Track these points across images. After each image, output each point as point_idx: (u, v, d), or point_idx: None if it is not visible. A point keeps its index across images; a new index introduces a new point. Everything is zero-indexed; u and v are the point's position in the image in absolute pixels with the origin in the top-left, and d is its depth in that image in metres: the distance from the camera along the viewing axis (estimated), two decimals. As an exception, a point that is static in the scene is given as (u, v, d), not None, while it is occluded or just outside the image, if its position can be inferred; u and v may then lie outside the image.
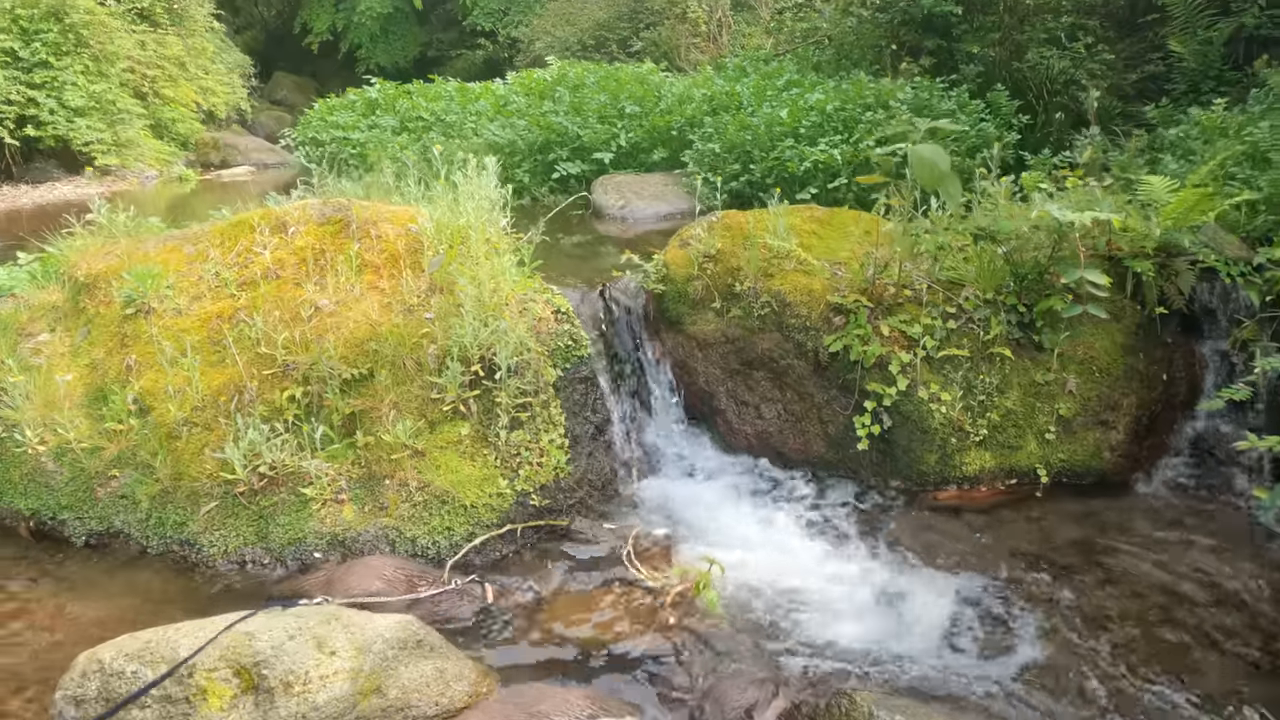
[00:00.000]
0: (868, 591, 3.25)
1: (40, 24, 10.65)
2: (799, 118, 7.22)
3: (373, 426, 3.68)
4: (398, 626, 2.53)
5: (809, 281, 4.20)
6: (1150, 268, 4.00)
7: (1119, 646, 2.93)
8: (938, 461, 3.93)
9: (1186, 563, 3.39)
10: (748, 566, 3.41)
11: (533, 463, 3.76)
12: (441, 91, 10.25)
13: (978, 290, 4.07)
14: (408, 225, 4.27)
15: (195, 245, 4.35)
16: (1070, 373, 4.04)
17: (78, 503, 3.66)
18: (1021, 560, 3.46)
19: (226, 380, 3.76)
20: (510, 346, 3.72)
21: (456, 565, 3.41)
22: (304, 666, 2.27)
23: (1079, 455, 4.00)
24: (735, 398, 4.34)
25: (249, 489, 3.53)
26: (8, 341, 4.05)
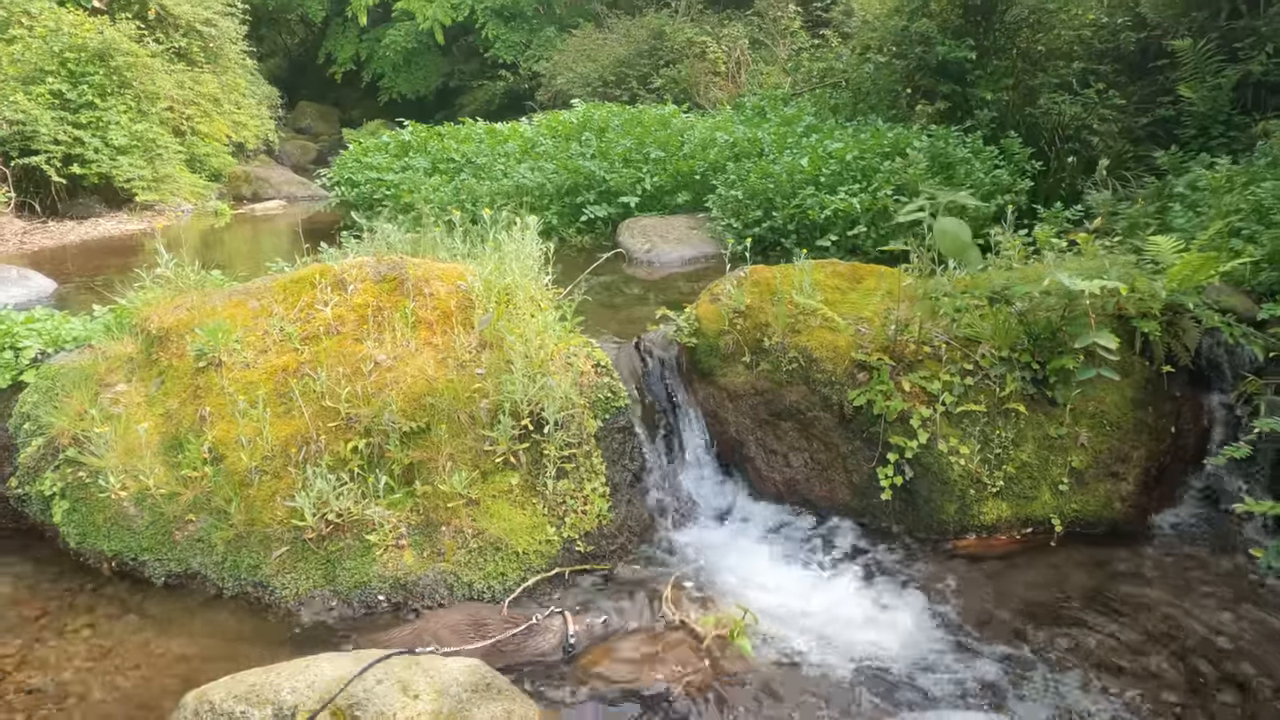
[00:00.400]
0: (891, 634, 3.49)
1: (87, 67, 11.10)
2: (819, 166, 7.52)
3: (430, 476, 3.96)
4: (469, 670, 2.80)
5: (834, 338, 4.47)
6: (1157, 327, 4.25)
7: (1125, 691, 3.16)
8: (957, 511, 4.18)
9: (1191, 611, 3.62)
10: (779, 612, 3.66)
11: (578, 510, 4.03)
12: (471, 133, 10.62)
13: (993, 348, 4.33)
14: (457, 283, 4.57)
15: (259, 300, 4.66)
16: (1082, 426, 4.29)
17: (157, 545, 3.95)
18: (1034, 606, 3.69)
19: (294, 431, 4.05)
20: (557, 402, 4.00)
21: (512, 604, 3.67)
22: (392, 709, 2.54)
23: (1091, 505, 4.24)
24: (764, 446, 4.60)
25: (317, 535, 3.81)
26: (89, 392, 4.36)
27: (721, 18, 16.19)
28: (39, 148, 10.33)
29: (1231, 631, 3.48)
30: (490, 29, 21.20)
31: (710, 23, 16.05)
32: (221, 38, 14.78)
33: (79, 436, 4.15)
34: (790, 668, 3.32)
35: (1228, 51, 8.62)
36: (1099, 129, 9.08)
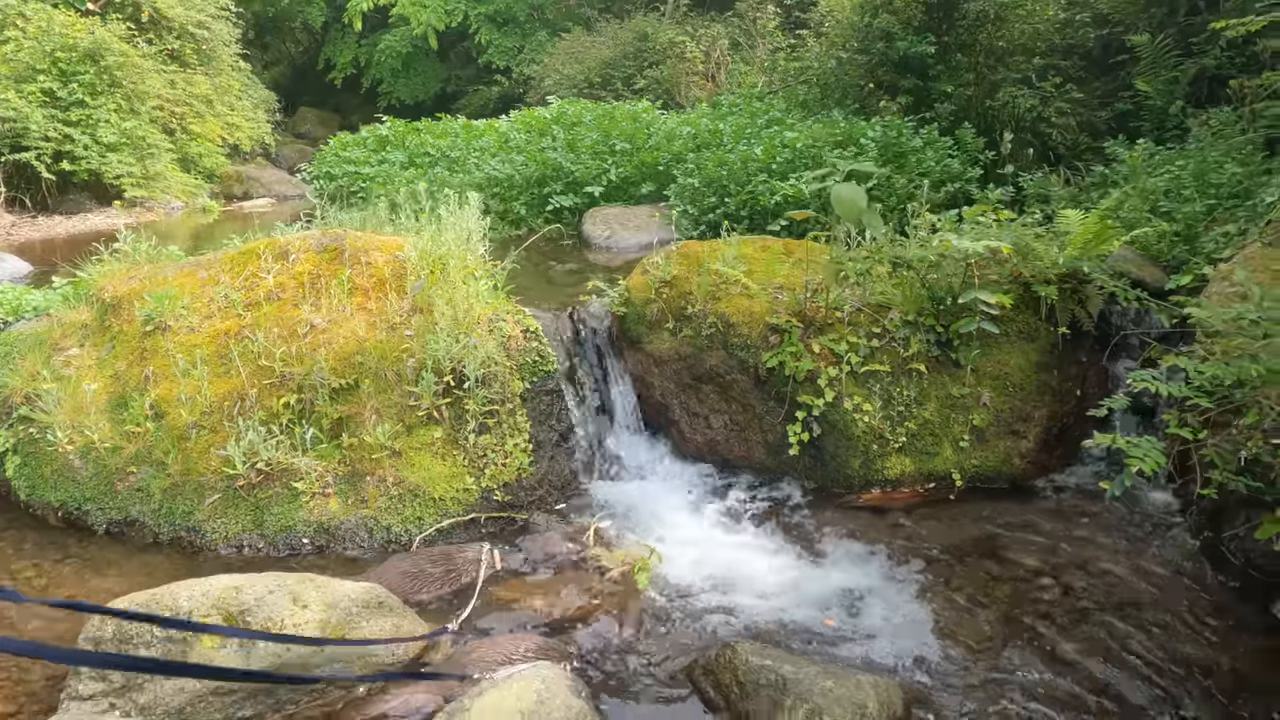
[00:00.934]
0: (784, 575, 3.69)
1: (78, 66, 11.42)
2: (772, 154, 7.75)
3: (357, 429, 4.18)
4: (363, 590, 3.01)
5: (751, 304, 4.68)
6: (1054, 292, 4.44)
7: (994, 620, 3.35)
8: (861, 466, 4.38)
9: (1072, 555, 3.80)
10: (685, 555, 3.87)
11: (497, 463, 4.25)
12: (448, 129, 10.90)
13: (901, 313, 4.53)
14: (395, 253, 4.81)
15: (208, 270, 4.90)
16: (985, 387, 4.49)
17: (99, 495, 4.18)
18: (927, 551, 3.88)
19: (231, 389, 4.29)
20: (478, 359, 4.22)
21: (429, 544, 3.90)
22: (280, 615, 2.76)
23: (991, 461, 4.43)
24: (688, 409, 4.81)
25: (248, 483, 4.04)
26: (42, 355, 4.61)
27: (705, 19, 16.47)
28: (29, 144, 10.63)
29: (1103, 570, 3.67)
30: (484, 34, 21.55)
31: (694, 25, 16.33)
32: (214, 40, 15.12)
33: (31, 395, 4.40)
34: (682, 600, 3.52)
35: (1184, 47, 8.81)
36: (1057, 122, 9.28)
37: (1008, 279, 4.51)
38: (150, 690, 2.67)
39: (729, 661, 2.75)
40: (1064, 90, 9.27)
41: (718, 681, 2.77)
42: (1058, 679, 3.02)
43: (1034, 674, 3.05)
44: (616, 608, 3.45)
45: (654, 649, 3.14)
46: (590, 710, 2.58)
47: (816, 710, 2.47)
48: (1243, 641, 3.21)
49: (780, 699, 2.54)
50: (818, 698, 2.49)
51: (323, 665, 2.80)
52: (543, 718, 2.41)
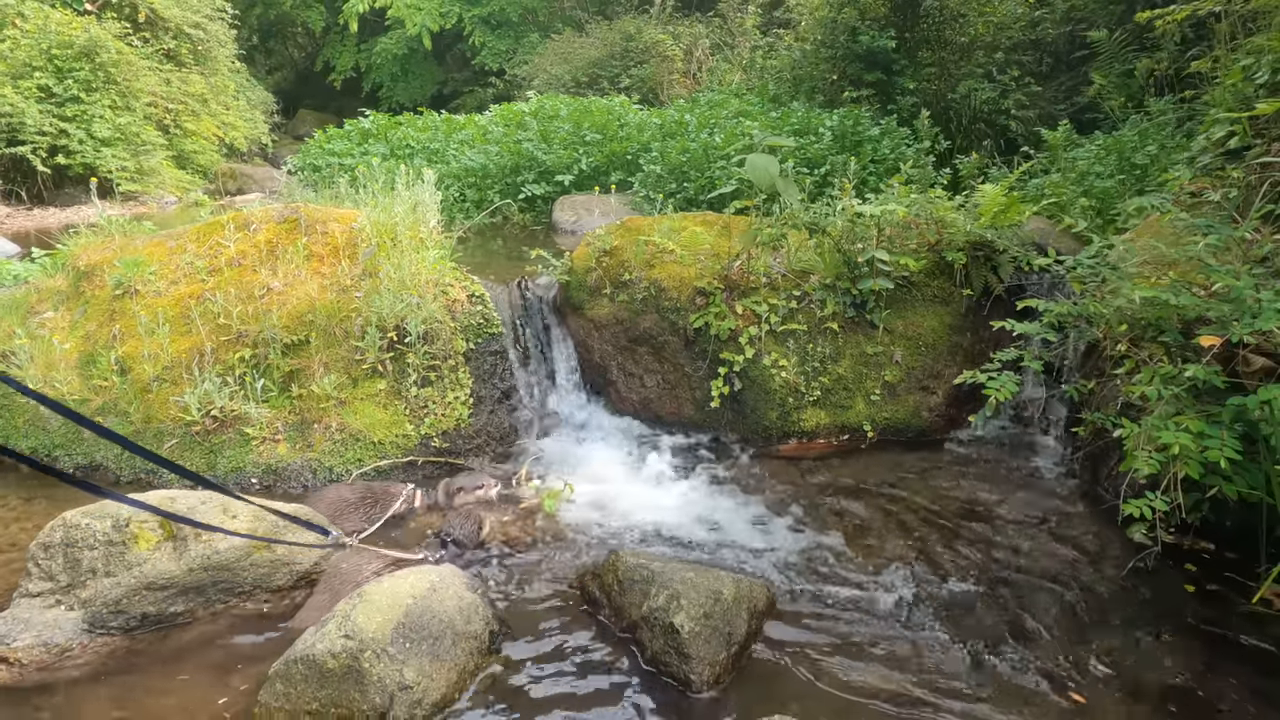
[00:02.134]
0: (682, 509, 3.99)
1: (73, 63, 11.83)
2: (732, 142, 8.05)
3: (307, 382, 4.50)
4: (291, 509, 3.32)
5: (682, 270, 4.99)
6: (961, 258, 4.74)
7: (878, 544, 3.64)
8: (779, 418, 4.68)
9: (964, 493, 4.10)
10: (601, 493, 4.17)
11: (437, 414, 4.56)
12: (430, 123, 11.24)
13: (821, 278, 4.83)
14: (350, 224, 5.13)
15: (176, 241, 5.24)
16: (898, 346, 4.78)
17: (67, 443, 4.51)
18: (829, 491, 4.18)
19: (191, 345, 4.61)
20: (420, 318, 4.54)
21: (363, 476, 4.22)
22: (211, 522, 3.07)
23: (901, 415, 4.72)
24: (624, 370, 5.11)
25: (203, 429, 4.36)
26: (19, 316, 4.94)
27: (689, 21, 16.82)
28: (25, 138, 11.03)
29: (986, 508, 3.96)
30: (478, 36, 21.96)
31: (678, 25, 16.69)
32: (210, 41, 15.54)
33: (6, 353, 4.72)
34: (587, 526, 3.83)
35: (1140, 43, 9.11)
36: (1016, 114, 9.59)
37: (922, 246, 4.81)
38: (91, 586, 2.98)
39: (612, 565, 3.04)
40: (1023, 84, 9.59)
41: (602, 583, 3.06)
42: (923, 589, 3.31)
43: (903, 588, 3.33)
44: (523, 529, 3.76)
45: (549, 561, 3.46)
46: (483, 604, 2.88)
47: (675, 595, 2.76)
48: (1103, 566, 3.49)
49: (648, 589, 2.84)
50: (678, 585, 2.79)
51: (248, 567, 3.11)
52: (432, 603, 2.71)
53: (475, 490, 4.07)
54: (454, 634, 2.70)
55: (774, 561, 3.46)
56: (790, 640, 2.99)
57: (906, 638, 3.04)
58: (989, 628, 3.09)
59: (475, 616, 2.81)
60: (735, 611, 2.81)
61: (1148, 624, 3.07)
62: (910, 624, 3.12)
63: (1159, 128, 6.23)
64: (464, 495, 4.10)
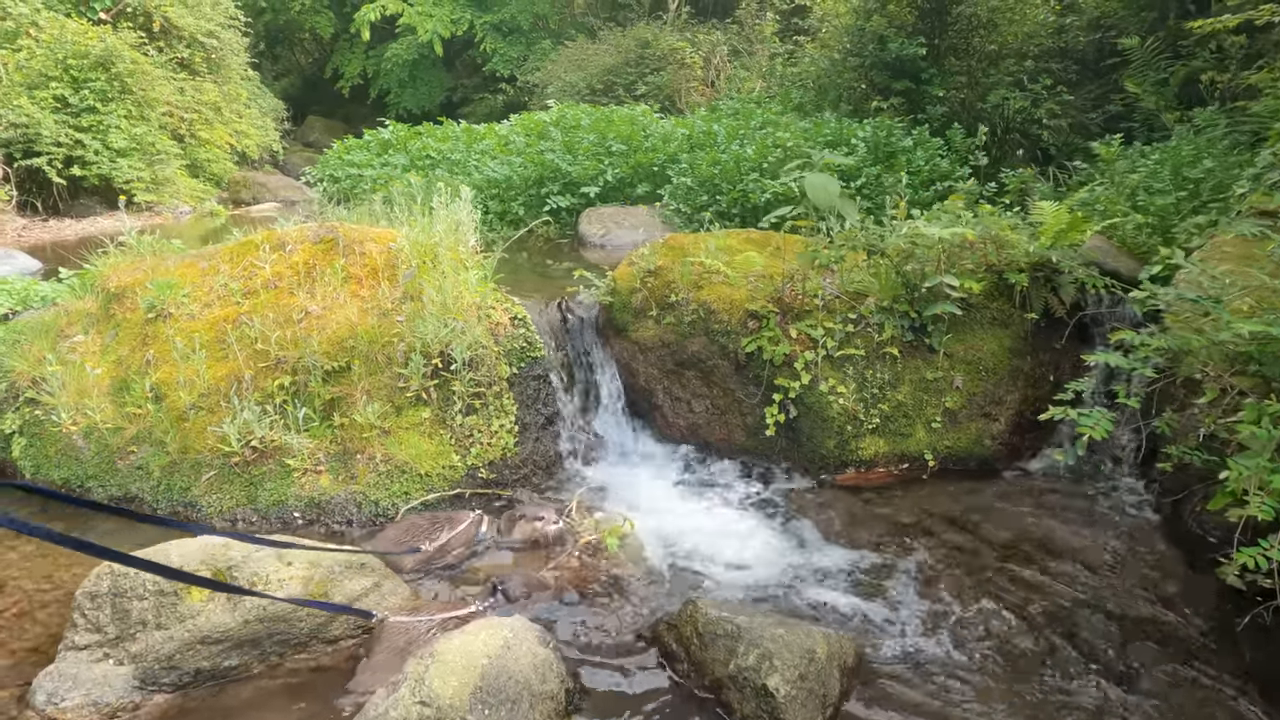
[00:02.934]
0: (751, 546, 3.82)
1: (89, 73, 11.70)
2: (764, 154, 7.90)
3: (348, 410, 4.34)
4: (346, 554, 3.16)
5: (731, 292, 4.83)
6: (1024, 279, 4.57)
7: (954, 587, 3.47)
8: (836, 447, 4.51)
9: (1038, 529, 3.92)
10: (659, 527, 4.01)
11: (483, 443, 4.40)
12: (450, 133, 11.11)
13: (877, 299, 4.67)
14: (388, 244, 4.98)
15: (208, 262, 5.08)
16: (958, 371, 4.61)
17: (101, 472, 4.35)
18: (895, 526, 4.01)
19: (228, 372, 4.45)
20: (465, 343, 4.38)
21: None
22: (266, 571, 2.91)
23: (963, 443, 4.56)
24: (671, 394, 4.95)
25: (242, 460, 4.20)
26: (49, 341, 4.79)
27: (706, 27, 16.68)
28: (41, 149, 10.89)
29: (1063, 545, 3.78)
30: (489, 42, 21.84)
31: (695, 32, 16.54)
32: (224, 49, 15.42)
33: (37, 379, 4.57)
34: (651, 566, 3.67)
35: (1174, 50, 8.95)
36: (1048, 123, 9.41)
37: (981, 267, 4.64)
38: (142, 640, 2.82)
39: (690, 616, 2.88)
40: (1055, 92, 9.42)
41: (679, 635, 2.90)
42: (1013, 641, 3.14)
43: (990, 637, 3.16)
44: (587, 570, 3.59)
45: (620, 607, 3.29)
46: (556, 659, 2.72)
47: (767, 654, 2.59)
48: (1194, 606, 3.32)
49: (734, 646, 2.67)
50: (768, 643, 2.62)
51: (304, 618, 2.95)
52: (507, 662, 2.55)
53: (535, 522, 3.90)
54: (531, 695, 2.54)
55: (852, 609, 3.30)
56: (880, 698, 2.82)
57: (999, 690, 2.87)
58: (1087, 684, 2.92)
59: (550, 674, 2.65)
60: (828, 671, 2.65)
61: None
62: (1001, 677, 2.95)
63: (1211, 142, 6.05)
64: (523, 526, 3.94)
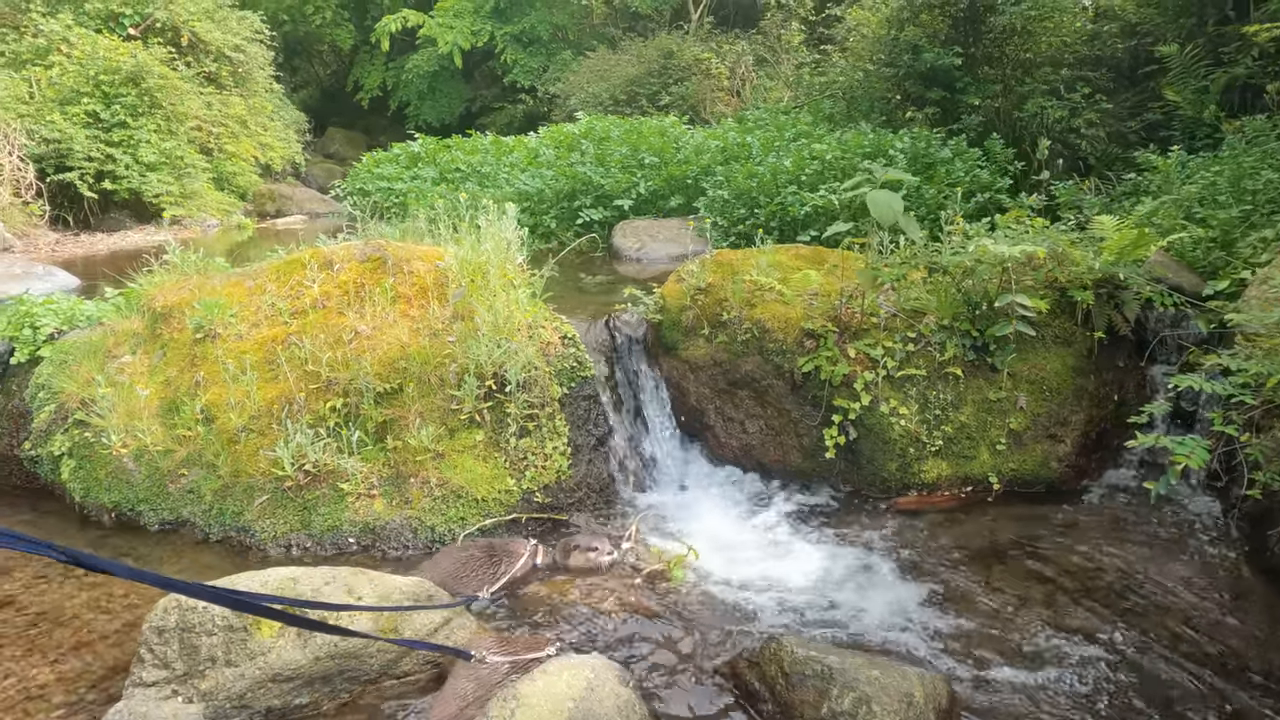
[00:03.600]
0: (817, 574, 3.71)
1: (120, 88, 11.77)
2: (801, 166, 7.81)
3: (401, 433, 4.27)
4: (413, 583, 3.08)
5: (786, 310, 4.74)
6: (1089, 297, 4.46)
7: (1034, 620, 3.35)
8: (898, 469, 4.40)
9: (1112, 557, 3.80)
10: (721, 554, 3.90)
11: (538, 466, 4.31)
12: (478, 145, 11.09)
13: (937, 318, 4.56)
14: (435, 262, 4.91)
15: (254, 280, 5.04)
16: (1022, 391, 4.50)
17: (152, 496, 4.30)
18: (966, 553, 3.89)
19: (279, 393, 4.40)
20: (519, 365, 4.31)
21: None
22: (335, 601, 2.83)
23: (1028, 465, 4.44)
24: (723, 414, 4.85)
25: (295, 484, 4.13)
26: (97, 362, 4.75)
27: (729, 37, 16.64)
28: (73, 164, 10.95)
29: (1139, 572, 3.66)
30: (509, 54, 21.87)
31: (718, 41, 16.50)
32: (250, 63, 15.50)
33: (86, 401, 4.53)
34: (719, 597, 3.56)
35: (1214, 56, 8.80)
36: (1086, 133, 9.28)
37: (1043, 284, 4.53)
38: (212, 677, 2.75)
39: (774, 654, 2.78)
40: (1093, 101, 9.28)
41: (762, 673, 2.80)
42: (1101, 677, 3.02)
43: (1077, 672, 3.05)
44: (655, 602, 3.49)
45: (693, 642, 3.18)
46: (638, 700, 2.63)
47: (864, 699, 2.49)
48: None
49: (826, 688, 2.57)
50: (864, 686, 2.52)
51: (375, 654, 2.87)
52: (592, 705, 2.46)
53: (589, 552, 3.80)
54: (618, 739, 2.45)
55: (933, 643, 3.18)
56: (975, 739, 2.71)
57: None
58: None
59: (633, 716, 2.56)
60: (925, 715, 2.54)
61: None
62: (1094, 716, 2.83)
63: (1268, 154, 5.91)
64: (578, 556, 3.84)
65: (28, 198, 10.58)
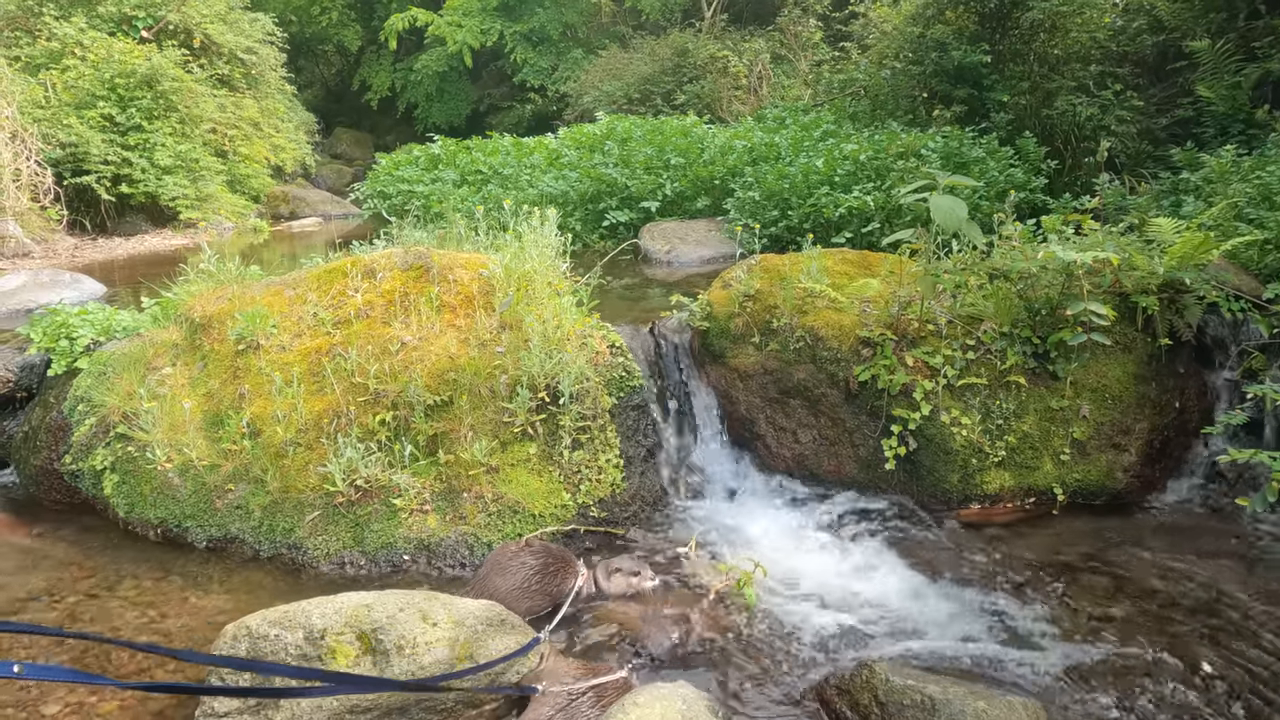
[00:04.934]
0: (888, 592, 3.62)
1: (135, 91, 11.68)
2: (834, 166, 7.71)
3: (452, 446, 4.18)
4: (485, 607, 2.99)
5: (839, 318, 4.64)
6: (1154, 303, 4.35)
7: (1119, 638, 3.25)
8: (960, 480, 4.30)
9: (1189, 572, 3.70)
10: (786, 571, 3.81)
11: (592, 479, 4.22)
12: (498, 146, 10.98)
13: (995, 324, 4.46)
14: (479, 270, 4.82)
15: (295, 289, 4.95)
16: (1084, 399, 4.40)
17: (199, 512, 4.21)
18: (1037, 569, 3.79)
19: (326, 406, 4.31)
20: (572, 376, 4.21)
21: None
22: (412, 634, 2.74)
23: (1093, 476, 4.34)
24: (774, 424, 4.76)
25: (347, 500, 4.04)
26: (138, 374, 4.67)
27: (744, 34, 16.51)
28: (90, 168, 10.87)
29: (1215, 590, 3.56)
30: (519, 53, 21.76)
31: (733, 39, 16.38)
32: (262, 64, 15.40)
33: (128, 414, 4.45)
34: (792, 617, 3.46)
35: (1246, 51, 8.68)
36: (1116, 130, 9.15)
37: (1106, 290, 4.43)
38: (286, 708, 2.66)
39: (867, 681, 2.69)
40: (1124, 98, 9.16)
41: (854, 701, 2.70)
42: (1193, 702, 2.92)
43: (1169, 695, 2.95)
44: (726, 624, 3.40)
45: (772, 667, 3.09)
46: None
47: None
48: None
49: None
50: (970, 719, 2.43)
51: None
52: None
53: (631, 577, 3.68)
54: (716, 774, 2.36)
55: (1023, 667, 3.08)
56: (1077, 769, 2.62)
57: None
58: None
59: (729, 748, 2.46)
60: (1035, 746, 2.45)
61: None
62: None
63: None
64: (619, 580, 3.72)
65: (45, 202, 10.50)
